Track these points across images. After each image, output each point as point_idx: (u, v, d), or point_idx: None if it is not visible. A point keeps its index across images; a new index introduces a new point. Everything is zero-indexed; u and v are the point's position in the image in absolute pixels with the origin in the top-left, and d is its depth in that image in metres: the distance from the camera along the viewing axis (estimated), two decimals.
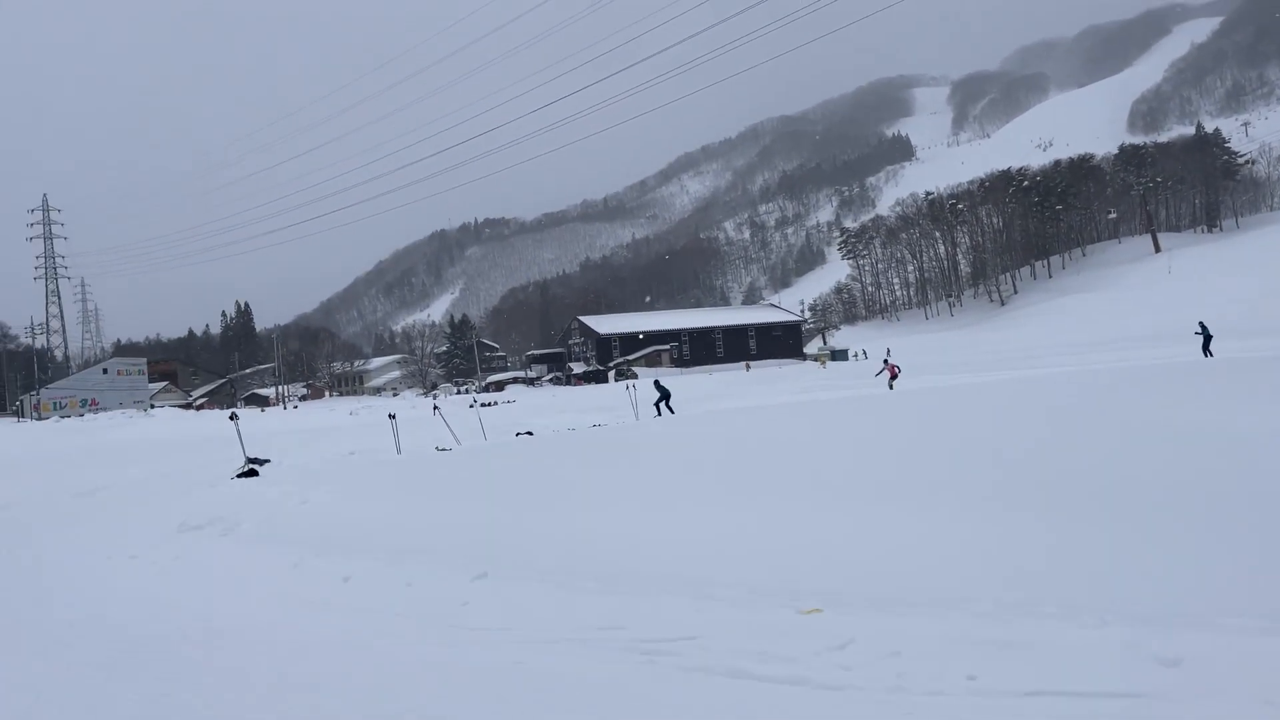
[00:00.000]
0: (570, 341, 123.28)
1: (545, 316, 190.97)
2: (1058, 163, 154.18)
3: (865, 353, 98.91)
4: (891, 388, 31.26)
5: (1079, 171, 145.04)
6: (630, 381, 39.43)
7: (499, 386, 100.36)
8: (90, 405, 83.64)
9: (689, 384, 46.77)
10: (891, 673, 4.55)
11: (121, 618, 6.92)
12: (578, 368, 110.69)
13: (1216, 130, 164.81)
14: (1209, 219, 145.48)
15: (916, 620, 5.10)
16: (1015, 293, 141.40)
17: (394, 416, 22.67)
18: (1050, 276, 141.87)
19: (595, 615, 5.42)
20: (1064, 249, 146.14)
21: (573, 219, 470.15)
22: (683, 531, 7.61)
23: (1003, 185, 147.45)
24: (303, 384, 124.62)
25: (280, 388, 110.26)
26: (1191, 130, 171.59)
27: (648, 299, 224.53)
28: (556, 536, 7.56)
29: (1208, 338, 33.41)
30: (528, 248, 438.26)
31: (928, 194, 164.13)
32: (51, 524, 13.23)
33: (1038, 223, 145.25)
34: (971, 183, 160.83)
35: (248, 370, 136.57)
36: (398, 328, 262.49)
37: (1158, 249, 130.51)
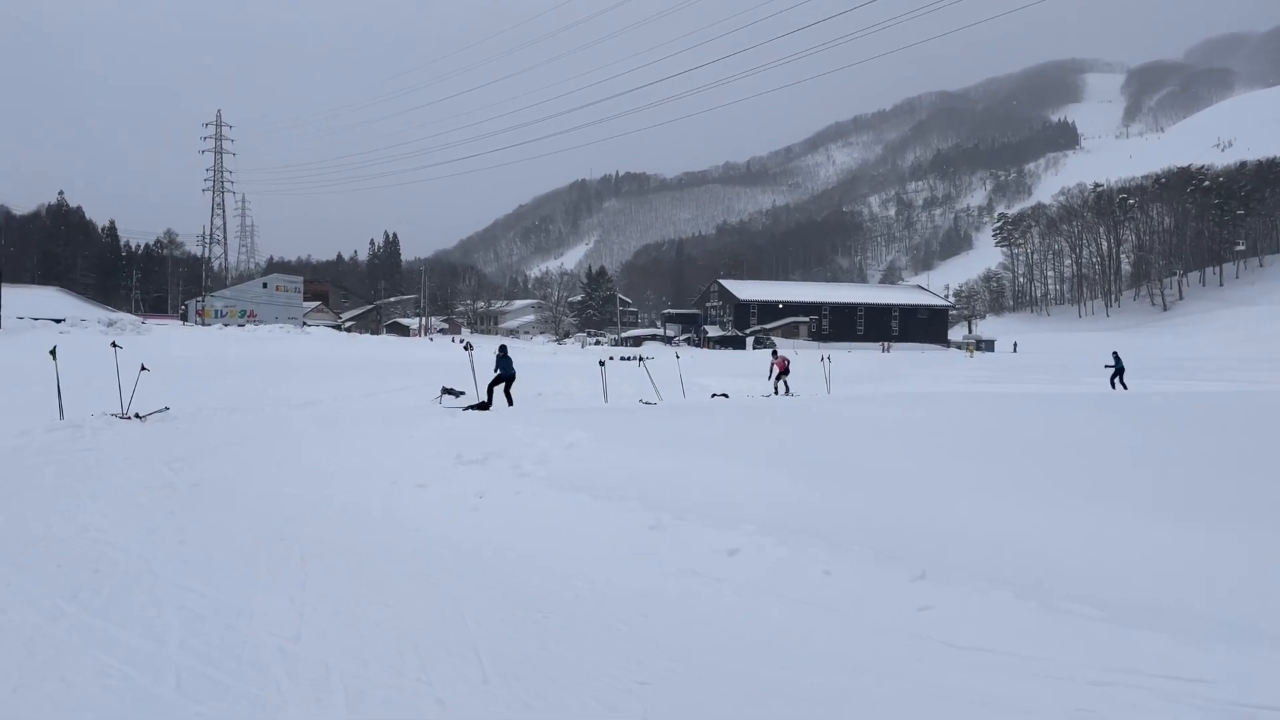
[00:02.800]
0: (707, 304, 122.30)
1: (679, 276, 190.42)
2: (1243, 164, 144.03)
3: (1016, 345, 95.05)
4: (777, 390, 26.54)
5: (1267, 176, 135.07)
6: (824, 355, 38.32)
7: (636, 342, 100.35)
8: (248, 316, 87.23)
9: (839, 362, 45.33)
10: None
11: (499, 570, 6.53)
12: (713, 331, 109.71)
13: None
14: None
15: None
16: (1180, 298, 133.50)
17: (604, 364, 22.43)
18: (1221, 285, 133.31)
19: (1133, 653, 4.59)
20: (1240, 257, 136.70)
21: (713, 180, 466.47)
22: (1047, 533, 6.78)
23: (1180, 183, 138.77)
24: (442, 318, 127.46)
25: (423, 319, 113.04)
26: None
27: (775, 265, 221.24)
28: (942, 530, 6.82)
29: (1119, 369, 30.27)
30: (665, 205, 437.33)
31: (1096, 185, 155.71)
32: (295, 437, 13.26)
33: (1214, 226, 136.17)
34: (1145, 178, 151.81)
35: (392, 299, 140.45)
36: (531, 273, 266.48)
37: None
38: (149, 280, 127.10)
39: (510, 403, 18.85)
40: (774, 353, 28.89)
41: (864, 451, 10.05)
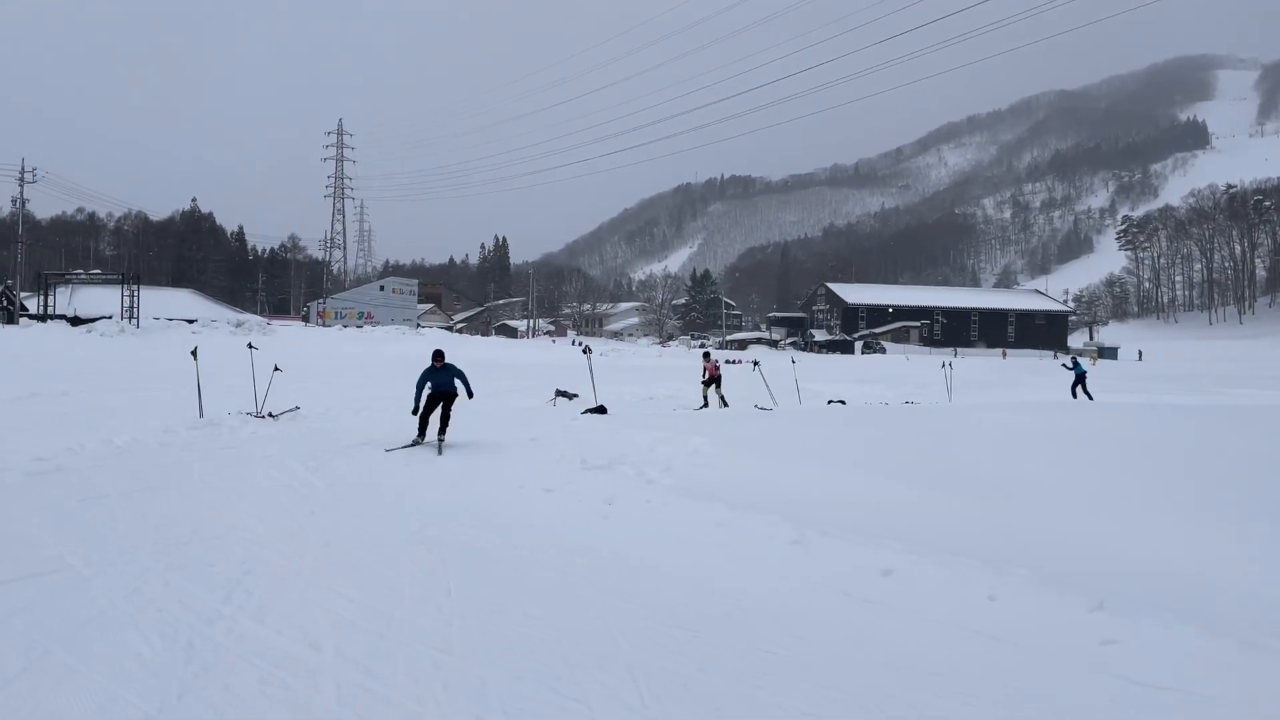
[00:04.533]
0: (814, 308, 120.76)
1: (783, 279, 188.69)
2: None
3: (1141, 354, 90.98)
4: (706, 401, 22.47)
5: None
6: (945, 360, 37.14)
7: (741, 345, 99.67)
8: (366, 318, 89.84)
9: (961, 368, 43.95)
10: None
11: (641, 582, 6.40)
12: (819, 335, 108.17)
13: None
14: None
15: None
16: None
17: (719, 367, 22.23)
18: None
19: None
20: None
21: (819, 183, 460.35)
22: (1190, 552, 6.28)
23: None
24: (548, 320, 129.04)
25: (531, 321, 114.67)
26: None
27: (884, 268, 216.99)
28: (1111, 554, 6.39)
29: (1080, 376, 28.09)
30: (770, 208, 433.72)
31: (1229, 186, 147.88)
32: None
33: None
34: None
35: (500, 301, 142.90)
36: (635, 275, 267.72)
37: None
38: (273, 283, 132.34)
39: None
40: (705, 355, 23.42)
41: (1007, 463, 9.58)
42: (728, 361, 45.23)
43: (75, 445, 11.72)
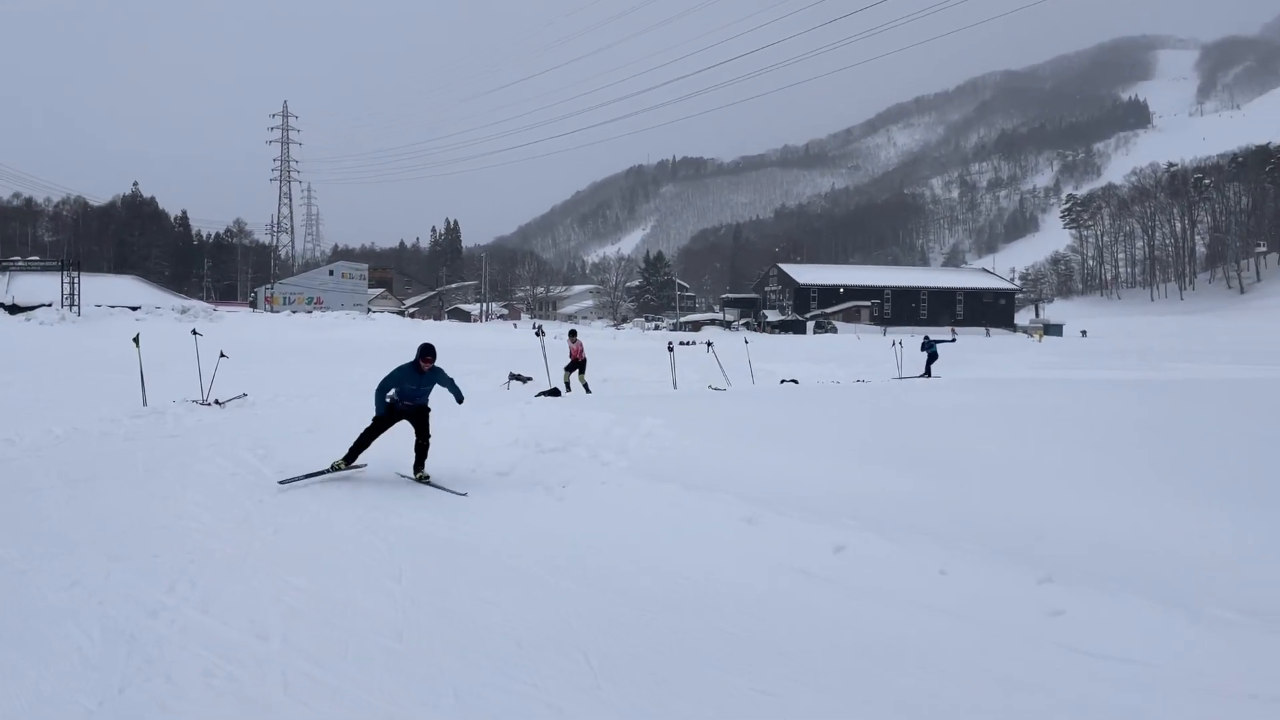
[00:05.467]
0: (766, 288, 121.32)
1: (736, 260, 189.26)
2: None
3: (1085, 332, 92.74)
4: (568, 385, 20.36)
5: None
6: (896, 339, 37.30)
7: (695, 327, 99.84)
8: (315, 303, 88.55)
9: (913, 346, 44.46)
10: None
11: (595, 564, 6.36)
12: (772, 315, 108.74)
13: None
14: None
15: None
16: (1259, 280, 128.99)
17: (672, 348, 22.14)
18: None
19: None
20: None
21: (771, 164, 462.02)
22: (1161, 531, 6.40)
23: (1258, 161, 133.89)
24: (501, 304, 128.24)
25: (484, 305, 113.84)
26: None
27: (834, 249, 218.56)
28: (1059, 527, 6.47)
29: (933, 355, 28.50)
30: (722, 190, 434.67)
31: (1170, 165, 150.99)
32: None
33: None
34: (1221, 156, 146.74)
35: (453, 285, 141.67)
36: (589, 258, 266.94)
37: None
38: (219, 268, 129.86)
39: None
40: (571, 335, 21.38)
41: (958, 440, 9.67)
42: (682, 343, 45.17)
43: (13, 435, 11.39)
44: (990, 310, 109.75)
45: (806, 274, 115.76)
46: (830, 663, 4.60)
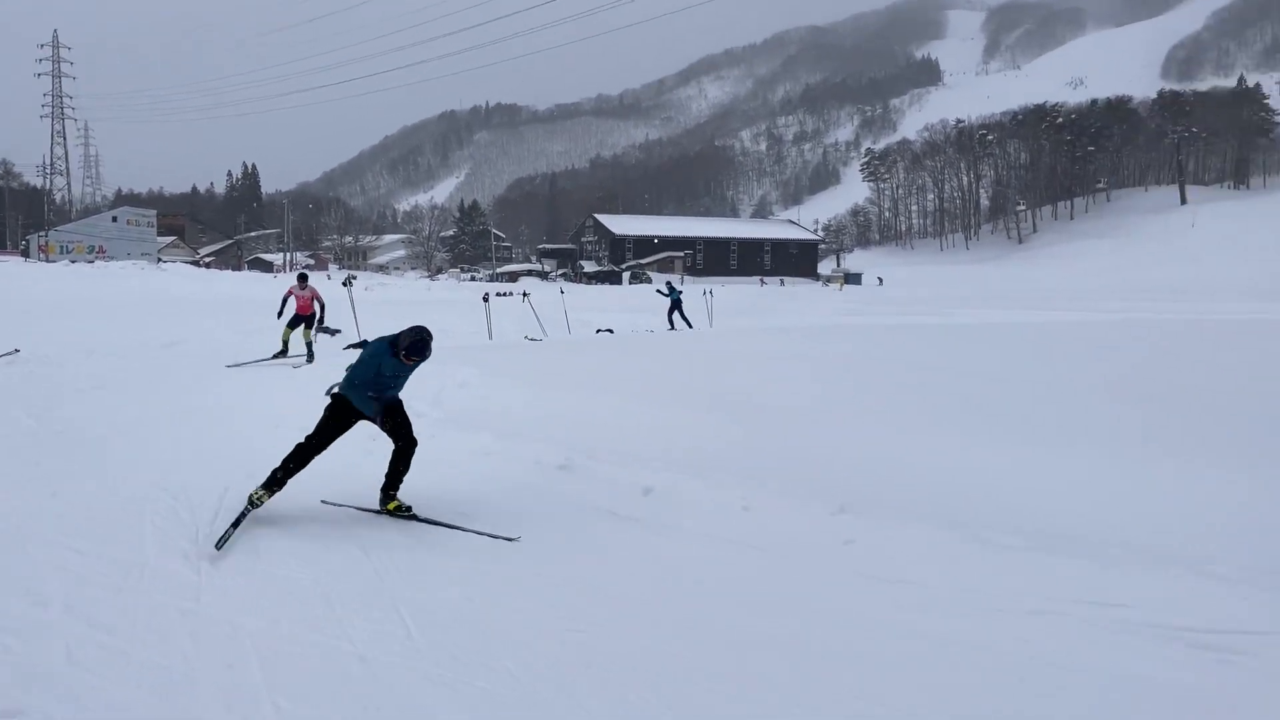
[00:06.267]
0: (583, 239, 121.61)
1: (552, 210, 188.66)
2: (1094, 102, 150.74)
3: (881, 280, 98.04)
4: (286, 347, 15.42)
5: (1116, 113, 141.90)
6: (707, 288, 37.65)
7: (512, 277, 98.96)
8: (97, 252, 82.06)
9: (722, 296, 45.77)
10: None
11: (401, 519, 6.26)
12: (589, 266, 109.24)
13: (1257, 85, 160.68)
14: (1238, 176, 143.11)
15: None
16: (1034, 231, 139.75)
17: (488, 299, 21.87)
18: (1072, 218, 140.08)
19: (1058, 581, 4.63)
20: (1089, 192, 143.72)
21: (585, 113, 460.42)
22: (958, 462, 6.92)
23: (1035, 120, 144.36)
24: (307, 254, 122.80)
25: (287, 255, 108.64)
26: (1225, 82, 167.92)
27: (648, 199, 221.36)
28: (853, 463, 6.84)
29: (676, 303, 26.94)
30: (537, 138, 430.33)
31: (958, 122, 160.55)
32: (163, 378, 12.49)
33: (1066, 162, 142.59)
34: (1004, 114, 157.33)
35: (252, 234, 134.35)
36: (400, 206, 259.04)
37: (1184, 201, 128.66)
38: None
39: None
40: (301, 279, 16.33)
41: (764, 384, 10.08)
42: (499, 294, 44.61)
43: None
44: (795, 260, 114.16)
45: (622, 225, 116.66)
46: (637, 597, 4.74)
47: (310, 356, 15.46)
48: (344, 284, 20.73)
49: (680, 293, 27.93)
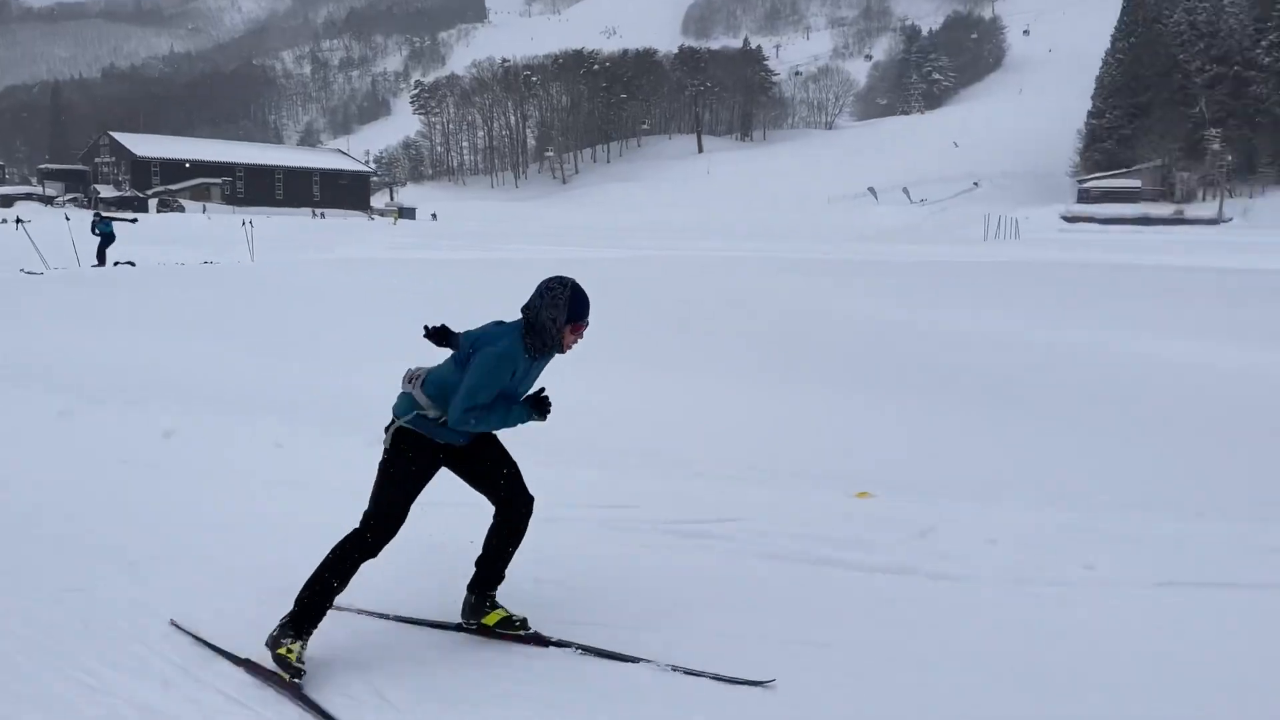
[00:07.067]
0: (98, 160, 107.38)
1: (58, 125, 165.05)
2: (625, 52, 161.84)
3: (435, 215, 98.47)
4: None
5: (644, 64, 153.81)
6: (246, 218, 34.92)
7: (6, 202, 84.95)
8: None
9: (267, 228, 43.32)
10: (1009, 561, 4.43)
11: None
12: (106, 191, 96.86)
13: (759, 47, 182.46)
14: (744, 128, 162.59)
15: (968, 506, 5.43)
16: (577, 172, 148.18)
17: None
18: (609, 162, 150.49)
19: (581, 490, 5.17)
20: (623, 137, 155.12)
21: (94, 14, 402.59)
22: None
23: (575, 64, 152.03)
24: None
25: None
26: (733, 42, 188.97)
27: (178, 119, 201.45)
28: (360, 393, 7.00)
29: (107, 236, 23.04)
30: (35, 40, 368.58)
31: (504, 61, 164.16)
32: None
33: (603, 108, 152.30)
34: (546, 57, 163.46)
35: None
36: None
37: (700, 149, 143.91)
38: None
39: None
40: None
41: (308, 318, 9.98)
42: None
43: None
44: (347, 192, 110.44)
45: (146, 145, 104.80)
46: (158, 537, 4.66)
47: None
48: None
49: (112, 223, 23.84)
